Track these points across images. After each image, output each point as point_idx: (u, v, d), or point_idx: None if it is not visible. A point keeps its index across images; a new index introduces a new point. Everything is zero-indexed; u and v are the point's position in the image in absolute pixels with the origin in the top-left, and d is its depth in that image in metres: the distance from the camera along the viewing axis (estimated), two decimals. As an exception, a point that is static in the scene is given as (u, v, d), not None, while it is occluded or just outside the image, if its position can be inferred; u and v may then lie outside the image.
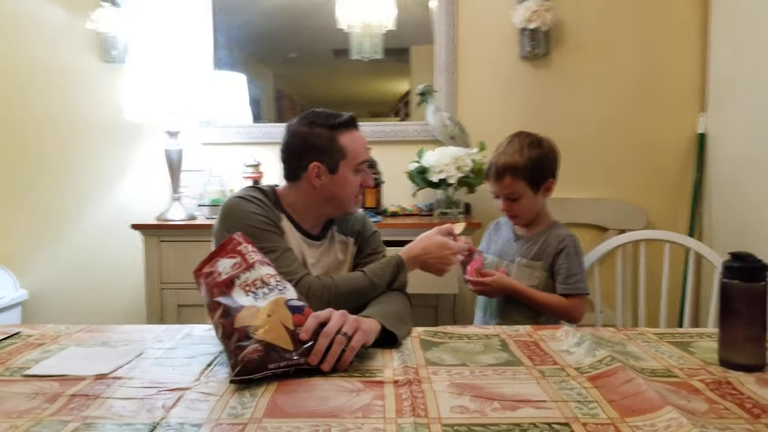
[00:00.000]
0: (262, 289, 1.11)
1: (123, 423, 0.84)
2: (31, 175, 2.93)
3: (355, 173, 1.56)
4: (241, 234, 1.21)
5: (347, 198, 1.58)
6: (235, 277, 1.12)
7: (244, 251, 1.16)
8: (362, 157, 1.57)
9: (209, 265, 1.15)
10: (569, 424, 0.83)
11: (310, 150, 1.53)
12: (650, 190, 2.84)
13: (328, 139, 1.53)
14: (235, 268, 1.13)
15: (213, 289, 1.12)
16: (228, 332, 1.04)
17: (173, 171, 2.63)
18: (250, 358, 0.99)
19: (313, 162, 1.52)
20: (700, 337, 1.28)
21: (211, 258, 1.16)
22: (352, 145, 1.55)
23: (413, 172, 2.60)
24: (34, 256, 2.96)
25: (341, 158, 1.53)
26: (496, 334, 1.30)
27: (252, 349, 1.00)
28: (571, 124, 2.82)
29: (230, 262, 1.14)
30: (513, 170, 1.71)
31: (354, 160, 1.55)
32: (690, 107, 2.81)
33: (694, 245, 1.95)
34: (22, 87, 2.90)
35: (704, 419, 0.84)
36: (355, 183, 1.57)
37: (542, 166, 1.73)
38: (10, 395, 0.95)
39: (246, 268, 1.13)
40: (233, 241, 1.18)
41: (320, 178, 1.53)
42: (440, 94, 2.81)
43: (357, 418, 0.85)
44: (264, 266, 1.16)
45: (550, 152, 1.76)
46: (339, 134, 1.53)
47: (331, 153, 1.53)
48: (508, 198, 1.75)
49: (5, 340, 1.26)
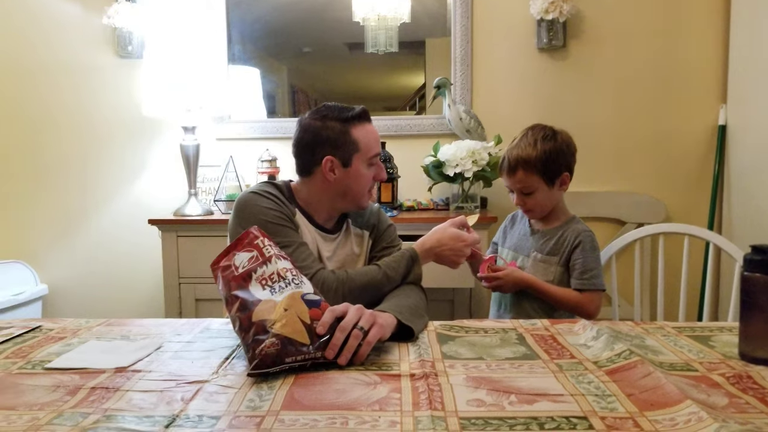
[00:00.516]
0: (279, 283, 1.12)
1: (143, 415, 0.84)
2: (49, 171, 2.96)
3: (368, 167, 1.56)
4: (257, 228, 1.21)
5: (361, 192, 1.57)
6: (252, 271, 1.13)
7: (261, 245, 1.16)
8: (375, 150, 1.56)
9: (226, 259, 1.16)
10: (587, 417, 0.82)
11: (323, 144, 1.52)
12: (669, 183, 2.81)
13: (340, 132, 1.52)
14: (251, 262, 1.14)
15: (230, 283, 1.12)
16: (245, 326, 1.05)
17: (190, 166, 2.65)
18: (267, 352, 1.00)
19: (327, 156, 1.52)
20: (720, 331, 1.26)
21: (228, 251, 1.17)
22: (365, 138, 1.54)
23: (429, 167, 2.59)
24: (54, 252, 3.00)
25: (354, 152, 1.53)
26: (513, 327, 1.29)
27: (269, 343, 1.00)
28: (588, 116, 2.80)
29: (247, 256, 1.15)
30: (526, 164, 1.70)
31: (367, 154, 1.54)
32: (710, 98, 2.77)
33: (713, 238, 1.93)
34: (38, 84, 2.93)
35: (725, 413, 0.83)
36: (368, 176, 1.56)
37: (556, 160, 1.71)
38: (32, 388, 0.96)
39: (263, 262, 1.14)
40: (250, 234, 1.18)
41: (334, 172, 1.53)
42: (456, 87, 2.80)
43: (374, 411, 0.85)
44: (280, 260, 1.16)
45: (565, 145, 1.73)
46: (352, 127, 1.52)
47: (344, 146, 1.52)
48: (521, 192, 1.74)
49: (26, 334, 1.27)
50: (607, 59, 2.79)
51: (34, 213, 2.99)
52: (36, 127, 2.95)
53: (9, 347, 1.18)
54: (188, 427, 0.80)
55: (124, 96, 2.90)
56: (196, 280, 2.51)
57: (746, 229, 2.57)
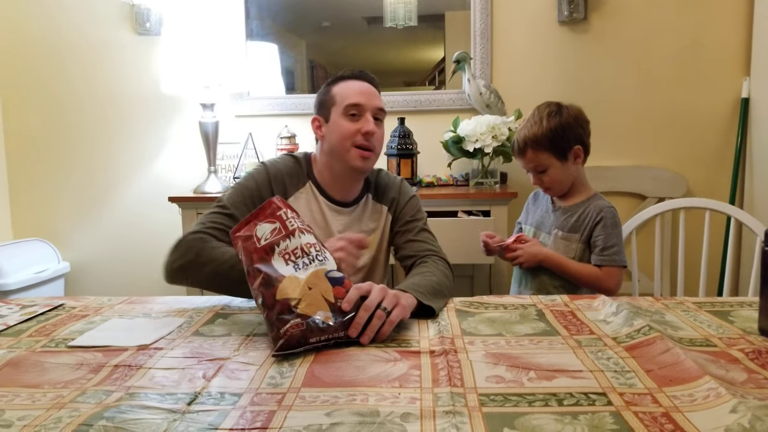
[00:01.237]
0: (303, 259, 1.11)
1: (165, 392, 0.86)
2: (70, 149, 2.99)
3: (344, 117, 1.52)
4: (279, 198, 1.19)
5: (342, 145, 1.53)
6: (275, 244, 1.11)
7: (284, 217, 1.14)
8: (351, 99, 1.52)
9: (247, 229, 1.14)
10: (606, 393, 0.82)
11: (316, 108, 1.59)
12: (690, 158, 2.77)
13: (324, 92, 1.58)
14: (274, 234, 1.12)
15: (252, 255, 1.10)
16: (269, 303, 1.05)
17: (209, 144, 2.66)
18: (293, 333, 1.00)
19: (314, 116, 1.58)
20: (740, 306, 1.25)
21: (249, 221, 1.15)
22: (342, 90, 1.54)
23: (448, 142, 2.57)
24: (76, 230, 3.04)
25: (332, 105, 1.55)
26: (533, 303, 1.29)
27: (294, 324, 1.00)
28: (609, 90, 2.75)
29: (269, 227, 1.13)
30: (533, 142, 1.70)
31: (342, 103, 1.53)
32: (733, 71, 2.71)
33: (735, 213, 1.91)
34: (57, 62, 2.94)
35: (743, 389, 0.82)
36: (347, 128, 1.52)
37: (563, 135, 1.70)
38: (56, 366, 0.97)
39: (286, 236, 1.12)
40: (272, 205, 1.16)
41: (320, 130, 1.57)
42: (476, 61, 2.77)
43: (394, 388, 0.86)
44: (304, 234, 1.14)
45: (572, 119, 1.72)
46: (334, 86, 1.56)
47: (325, 104, 1.56)
48: (535, 171, 1.74)
49: (50, 312, 1.30)
50: (628, 32, 2.74)
51: (55, 191, 3.03)
52: (56, 106, 2.97)
53: (33, 325, 1.20)
54: (210, 404, 0.82)
55: (143, 73, 2.91)
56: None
57: (769, 204, 2.54)
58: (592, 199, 1.76)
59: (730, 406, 0.75)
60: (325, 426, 0.74)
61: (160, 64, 2.75)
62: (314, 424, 0.75)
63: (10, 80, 2.97)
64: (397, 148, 2.57)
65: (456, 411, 0.78)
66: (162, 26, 2.79)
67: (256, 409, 0.80)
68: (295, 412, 0.79)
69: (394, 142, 2.59)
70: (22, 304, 1.36)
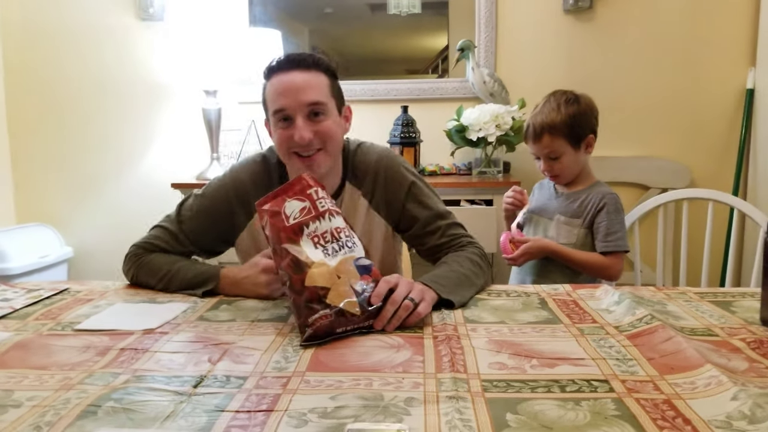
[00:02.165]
0: (332, 245, 1.09)
1: (171, 375, 0.87)
2: (73, 134, 3.00)
3: (277, 125, 1.35)
4: (309, 174, 1.14)
5: (282, 154, 1.38)
6: (305, 224, 1.08)
7: (315, 196, 1.11)
8: (273, 106, 1.34)
9: (275, 203, 1.09)
10: (608, 381, 0.83)
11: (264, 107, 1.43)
12: (694, 148, 2.77)
13: (263, 90, 1.40)
14: (303, 214, 1.09)
15: (280, 234, 1.07)
16: (297, 288, 1.04)
17: (212, 130, 2.66)
18: (321, 324, 1.00)
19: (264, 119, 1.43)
20: (742, 297, 1.26)
21: (277, 195, 1.10)
22: (270, 94, 1.36)
23: (451, 131, 2.58)
24: (79, 215, 3.05)
25: (267, 110, 1.39)
26: (535, 292, 1.30)
27: (323, 315, 1.00)
28: (614, 79, 2.75)
29: (299, 206, 1.09)
30: (551, 129, 1.69)
31: (271, 110, 1.36)
32: (739, 61, 2.71)
33: (738, 204, 1.91)
34: (61, 47, 2.94)
35: (744, 378, 0.83)
36: (280, 136, 1.35)
37: (581, 123, 1.70)
38: (63, 348, 0.98)
39: (315, 216, 1.09)
40: (302, 181, 1.12)
41: (271, 135, 1.41)
42: (480, 50, 2.76)
43: (397, 373, 0.87)
44: (334, 217, 1.12)
45: (588, 108, 1.73)
46: (267, 83, 1.38)
47: (265, 105, 1.40)
48: (548, 157, 1.73)
49: (55, 296, 1.30)
50: (633, 21, 2.73)
51: (58, 176, 3.03)
52: (60, 91, 2.97)
53: (39, 309, 1.21)
54: (216, 387, 0.83)
55: (146, 59, 2.91)
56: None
57: (772, 195, 2.54)
58: (595, 186, 1.77)
59: (731, 393, 0.76)
60: (329, 409, 0.75)
61: (163, 50, 2.74)
62: (319, 407, 0.76)
63: (14, 65, 2.96)
64: (400, 136, 2.57)
65: (459, 396, 0.78)
66: (165, 12, 2.79)
67: (261, 392, 0.81)
68: (300, 396, 0.79)
69: (397, 131, 2.59)
70: (28, 288, 1.37)
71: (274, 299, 1.25)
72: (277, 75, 1.34)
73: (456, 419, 0.72)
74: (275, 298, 1.25)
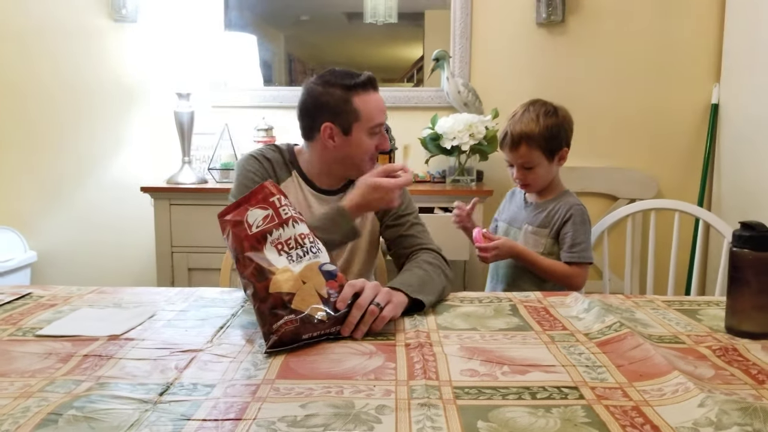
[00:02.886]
0: (296, 251, 1.08)
1: (136, 383, 0.85)
2: (40, 136, 2.93)
3: (369, 136, 1.52)
4: (272, 183, 1.15)
5: (361, 160, 1.54)
6: (267, 233, 1.07)
7: (277, 204, 1.11)
8: (377, 119, 1.52)
9: (237, 213, 1.08)
10: (578, 388, 0.83)
11: (323, 110, 1.50)
12: (662, 160, 2.82)
13: (341, 100, 1.49)
14: (266, 222, 1.08)
15: (243, 242, 1.06)
16: (261, 295, 1.02)
17: (184, 134, 2.63)
18: (286, 330, 0.98)
19: (326, 123, 1.50)
20: (707, 305, 1.28)
21: (239, 204, 1.10)
22: (367, 107, 1.50)
23: (426, 139, 2.59)
24: (44, 218, 2.98)
25: (355, 120, 1.49)
26: (507, 298, 1.30)
27: (288, 320, 0.99)
28: (584, 91, 2.79)
29: (261, 214, 1.09)
30: (529, 139, 1.69)
31: (369, 123, 1.50)
32: (704, 77, 2.78)
33: (703, 215, 1.95)
34: (31, 47, 2.88)
35: (711, 384, 0.84)
36: (369, 145, 1.53)
37: (557, 136, 1.71)
38: (23, 355, 0.96)
39: (279, 224, 1.09)
40: (264, 189, 1.12)
41: (333, 139, 1.51)
42: (455, 60, 2.78)
43: (369, 380, 0.86)
44: (298, 224, 1.12)
45: (565, 121, 1.74)
46: (354, 95, 1.49)
47: (344, 114, 1.49)
48: (522, 167, 1.74)
49: (17, 301, 1.27)
50: (604, 35, 2.78)
51: (23, 179, 2.96)
52: (26, 92, 2.91)
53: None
54: (183, 394, 0.81)
55: (118, 61, 2.86)
56: (189, 249, 2.50)
57: (735, 207, 2.60)
58: (563, 196, 1.78)
59: (698, 400, 0.77)
60: (299, 417, 0.74)
61: (135, 52, 2.71)
62: (289, 416, 0.75)
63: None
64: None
65: (431, 404, 0.78)
66: (139, 13, 2.75)
67: (229, 400, 0.79)
68: (270, 404, 0.78)
69: (371, 138, 2.59)
70: (-11, 292, 1.33)
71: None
72: (371, 93, 1.52)
73: (427, 427, 0.72)
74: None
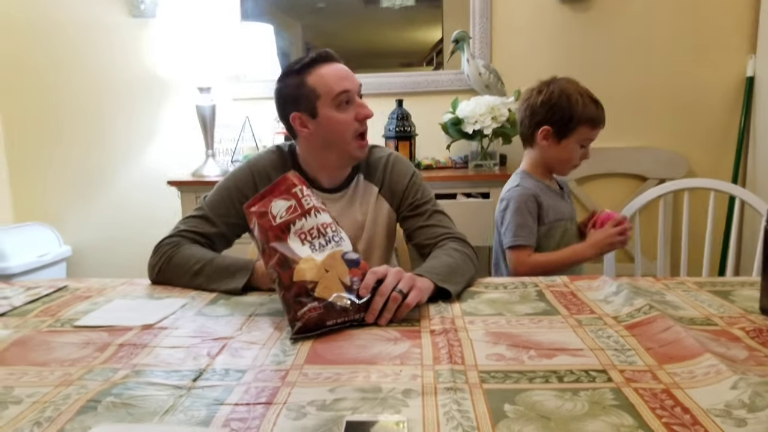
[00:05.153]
0: (319, 240, 1.10)
1: (170, 370, 0.87)
2: (67, 132, 2.99)
3: (338, 109, 1.43)
4: (294, 173, 1.16)
5: (342, 138, 1.45)
6: (291, 223, 1.10)
7: (299, 195, 1.13)
8: (338, 88, 1.42)
9: (261, 204, 1.11)
10: (606, 371, 0.83)
11: (286, 103, 1.48)
12: (692, 138, 2.76)
13: (296, 85, 1.44)
14: (289, 212, 1.10)
15: (267, 233, 1.09)
16: (285, 284, 1.04)
17: (206, 127, 2.65)
18: (310, 317, 1.00)
19: (292, 113, 1.46)
20: (741, 286, 1.26)
21: (263, 196, 1.12)
22: (322, 80, 1.42)
23: (447, 124, 2.57)
24: (76, 214, 3.04)
25: (315, 99, 1.43)
26: (533, 284, 1.30)
27: (311, 308, 1.01)
28: (610, 69, 2.74)
29: (284, 205, 1.11)
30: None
31: (329, 95, 1.42)
32: (739, 49, 2.69)
33: (739, 193, 1.91)
34: (52, 44, 2.93)
35: (744, 366, 0.83)
36: (343, 119, 1.44)
37: None
38: (62, 345, 0.99)
39: (301, 214, 1.11)
40: (287, 180, 1.14)
41: (307, 127, 1.46)
42: (475, 41, 2.75)
43: (395, 365, 0.87)
44: (320, 213, 1.13)
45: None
46: (306, 76, 1.44)
47: (303, 98, 1.44)
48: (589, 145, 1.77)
49: (54, 294, 1.30)
50: (631, 10, 2.72)
51: (54, 175, 3.02)
52: (53, 90, 2.96)
53: (38, 306, 1.21)
54: (215, 380, 0.83)
55: (139, 56, 2.89)
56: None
57: (771, 184, 2.54)
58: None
59: (730, 382, 0.76)
60: (328, 401, 0.75)
61: (155, 47, 2.73)
62: (318, 400, 0.76)
63: (6, 63, 2.95)
64: (395, 130, 2.57)
65: (457, 387, 0.79)
66: (156, 8, 2.77)
67: (260, 385, 0.81)
68: (299, 388, 0.79)
69: (392, 125, 2.58)
70: (27, 286, 1.36)
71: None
72: (323, 66, 1.45)
73: (454, 410, 0.72)
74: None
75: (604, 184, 2.82)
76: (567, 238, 1.77)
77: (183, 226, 1.46)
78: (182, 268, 1.35)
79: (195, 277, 1.33)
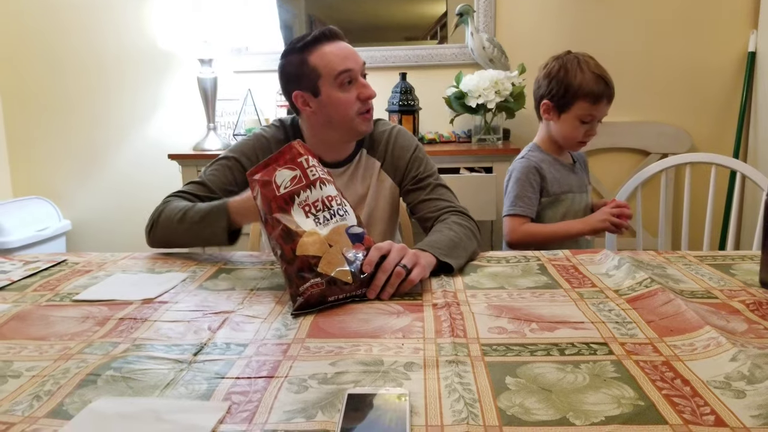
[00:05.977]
0: (324, 213, 1.08)
1: (171, 344, 0.87)
2: (68, 106, 2.97)
3: (340, 89, 1.42)
4: (299, 142, 1.13)
5: (346, 116, 1.44)
6: (295, 194, 1.07)
7: (305, 165, 1.10)
8: (339, 67, 1.41)
9: (265, 173, 1.09)
10: (607, 343, 0.83)
11: (289, 81, 1.47)
12: (695, 112, 2.75)
13: (298, 63, 1.43)
14: (294, 183, 1.08)
15: (271, 203, 1.07)
16: (288, 257, 1.03)
17: (208, 100, 2.63)
18: (312, 293, 0.99)
19: (295, 92, 1.45)
20: (742, 260, 1.26)
21: (268, 164, 1.10)
22: (324, 59, 1.41)
23: (451, 98, 2.55)
24: (76, 188, 3.04)
25: (317, 78, 1.42)
26: (535, 257, 1.30)
27: (314, 283, 1.00)
28: (613, 43, 2.72)
29: (289, 175, 1.08)
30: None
31: (331, 74, 1.41)
32: (741, 23, 2.67)
33: (741, 167, 1.90)
34: (53, 18, 2.90)
35: (743, 339, 0.83)
36: (345, 99, 1.43)
37: None
38: (62, 319, 0.98)
39: (306, 185, 1.08)
40: (293, 149, 1.11)
41: (309, 105, 1.45)
42: (479, 15, 2.72)
43: (397, 339, 0.87)
44: (326, 185, 1.11)
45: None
46: (308, 54, 1.42)
47: (306, 76, 1.43)
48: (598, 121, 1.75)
49: (53, 268, 1.30)
50: (634, -17, 2.69)
51: (54, 149, 3.01)
52: (48, 62, 2.94)
53: (36, 280, 1.21)
54: (216, 354, 0.83)
55: (140, 28, 2.87)
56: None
57: (773, 158, 2.52)
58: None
59: (730, 354, 0.76)
60: (330, 375, 0.75)
61: (156, 19, 2.70)
62: (319, 373, 0.76)
63: (6, 38, 2.92)
64: (398, 104, 2.55)
65: (459, 360, 0.79)
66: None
67: (261, 358, 0.81)
68: (301, 362, 0.79)
69: (395, 98, 2.56)
70: (25, 260, 1.36)
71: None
72: (327, 44, 1.42)
73: (456, 383, 0.72)
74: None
75: (607, 158, 2.80)
76: (575, 211, 1.77)
77: (179, 191, 1.48)
78: (169, 219, 1.37)
79: (180, 224, 1.34)
